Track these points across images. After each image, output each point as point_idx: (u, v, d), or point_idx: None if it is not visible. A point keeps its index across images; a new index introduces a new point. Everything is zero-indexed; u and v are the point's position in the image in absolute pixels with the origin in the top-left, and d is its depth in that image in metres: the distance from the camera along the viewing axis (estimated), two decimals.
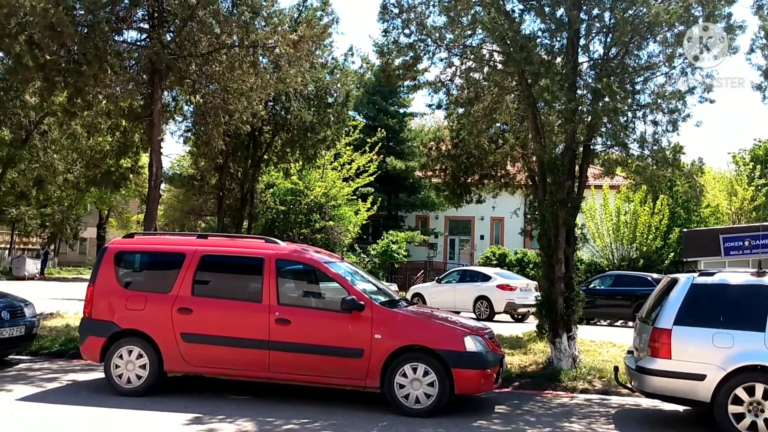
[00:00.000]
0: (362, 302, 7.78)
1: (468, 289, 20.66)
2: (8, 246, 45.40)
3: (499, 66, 10.72)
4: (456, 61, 11.35)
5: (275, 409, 7.64)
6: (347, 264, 9.50)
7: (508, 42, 9.77)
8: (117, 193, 36.92)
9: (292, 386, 8.30)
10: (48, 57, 11.21)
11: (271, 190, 27.61)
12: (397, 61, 11.37)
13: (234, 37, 12.75)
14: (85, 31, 11.67)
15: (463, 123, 12.10)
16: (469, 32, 10.69)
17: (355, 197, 30.84)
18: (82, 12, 11.41)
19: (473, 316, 19.12)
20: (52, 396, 8.04)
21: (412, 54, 10.94)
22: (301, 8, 18.13)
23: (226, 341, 8.01)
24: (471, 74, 11.20)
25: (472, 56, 10.94)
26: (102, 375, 8.70)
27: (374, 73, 33.67)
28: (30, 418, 7.03)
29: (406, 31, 10.73)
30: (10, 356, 10.41)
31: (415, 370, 7.55)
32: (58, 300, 19.03)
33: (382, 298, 8.45)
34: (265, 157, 19.35)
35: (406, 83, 13.70)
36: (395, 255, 31.10)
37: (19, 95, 18.61)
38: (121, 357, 8.16)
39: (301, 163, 20.90)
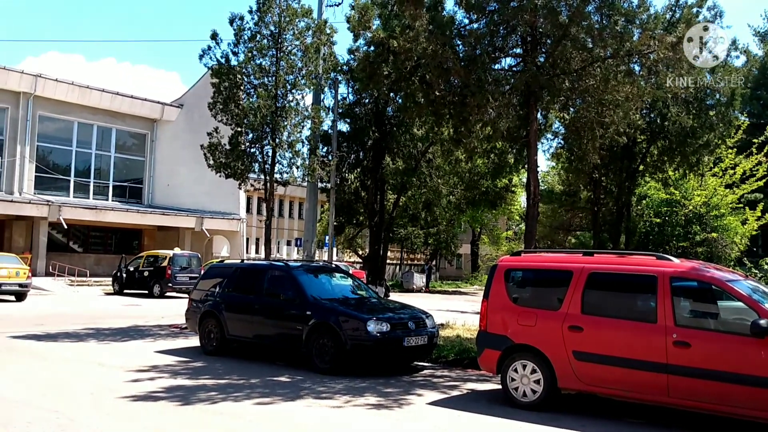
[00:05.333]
0: None
1: None
2: (398, 262, 51.48)
3: None
4: None
5: None
6: (752, 282, 8.48)
7: None
8: (488, 212, 39.15)
9: (689, 413, 7.69)
10: (437, 93, 12.42)
11: (644, 201, 26.34)
12: None
13: (608, 49, 12.51)
14: (465, 64, 12.67)
15: None
16: None
17: (740, 205, 27.61)
18: (465, 48, 12.43)
19: None
20: (455, 402, 8.75)
21: None
22: (674, 8, 17.00)
23: (619, 362, 7.77)
24: None
25: None
26: (497, 386, 9.21)
27: (757, 66, 29.89)
28: (441, 421, 7.76)
29: None
30: (415, 362, 11.66)
31: None
32: (443, 311, 20.74)
33: None
34: (641, 168, 18.53)
35: None
36: None
37: (408, 129, 21.08)
38: (516, 371, 8.50)
39: (681, 171, 19.51)
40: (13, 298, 22.95)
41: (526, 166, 16.04)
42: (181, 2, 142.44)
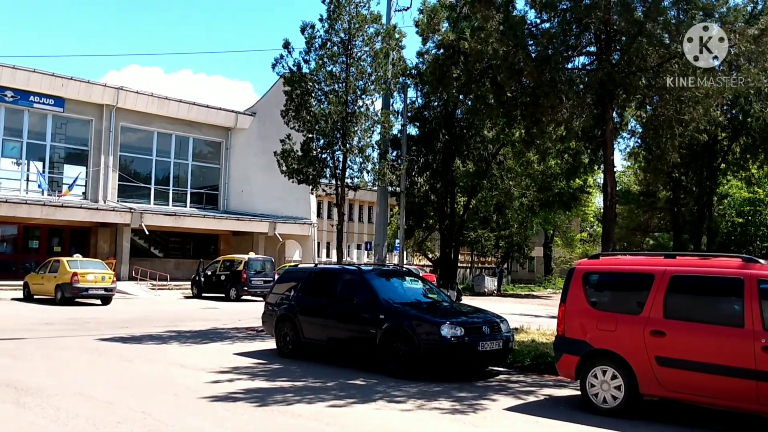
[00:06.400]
0: None
1: None
2: (469, 265, 51.10)
3: None
4: None
5: None
6: None
7: None
8: (562, 214, 38.38)
9: None
10: (509, 94, 12.30)
11: (726, 200, 25.30)
12: None
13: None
14: (538, 64, 12.48)
15: None
16: None
17: None
18: (538, 48, 12.27)
19: None
20: (533, 408, 8.60)
21: None
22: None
23: (703, 367, 7.50)
24: None
25: None
26: (575, 392, 9.02)
27: None
28: (517, 427, 7.67)
29: None
30: (490, 367, 11.53)
31: None
32: (516, 315, 20.40)
33: None
34: (722, 166, 17.82)
35: None
36: None
37: (478, 132, 20.93)
38: (595, 376, 8.30)
39: (765, 169, 18.66)
40: (99, 302, 24.05)
41: (601, 166, 15.67)
42: (254, 14, 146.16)
